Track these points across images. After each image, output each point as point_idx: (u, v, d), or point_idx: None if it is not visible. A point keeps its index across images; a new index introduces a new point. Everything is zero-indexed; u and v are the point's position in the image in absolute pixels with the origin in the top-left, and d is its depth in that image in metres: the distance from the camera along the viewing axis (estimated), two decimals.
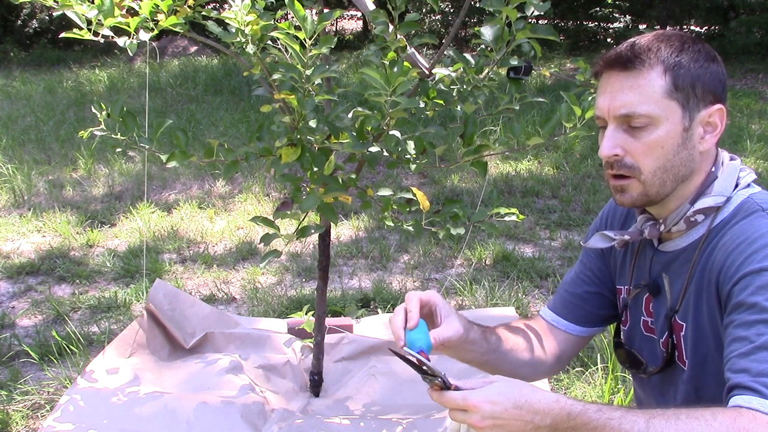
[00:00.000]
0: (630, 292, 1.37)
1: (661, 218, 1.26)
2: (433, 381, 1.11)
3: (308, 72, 1.84)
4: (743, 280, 1.08)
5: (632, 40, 1.20)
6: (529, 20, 1.77)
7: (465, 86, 1.97)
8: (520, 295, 3.31)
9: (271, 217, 2.03)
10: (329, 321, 2.72)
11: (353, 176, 2.03)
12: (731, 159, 1.26)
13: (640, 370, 1.37)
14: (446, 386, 1.10)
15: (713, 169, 1.22)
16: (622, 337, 1.44)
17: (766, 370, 1.00)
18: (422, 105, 1.91)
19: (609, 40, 13.85)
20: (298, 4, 1.76)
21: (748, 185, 1.23)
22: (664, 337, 1.28)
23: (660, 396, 1.35)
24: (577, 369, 2.62)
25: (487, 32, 1.83)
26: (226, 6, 1.90)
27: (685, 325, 1.23)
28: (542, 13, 1.74)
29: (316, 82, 1.88)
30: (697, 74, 1.16)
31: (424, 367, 1.11)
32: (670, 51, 1.16)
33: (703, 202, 1.20)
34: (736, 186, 1.22)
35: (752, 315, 1.04)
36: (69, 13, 1.83)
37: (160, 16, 1.86)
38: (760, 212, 1.15)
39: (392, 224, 2.09)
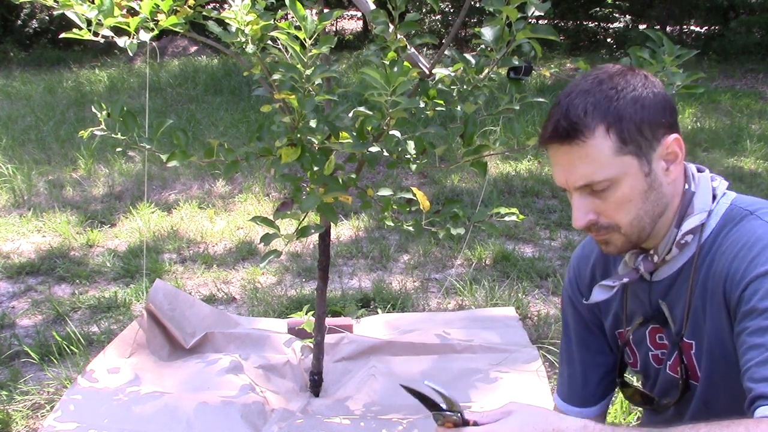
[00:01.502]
0: (628, 332, 1.34)
1: (651, 249, 1.24)
2: (445, 418, 1.04)
3: (308, 72, 1.84)
4: (752, 285, 1.06)
5: (565, 102, 1.15)
6: (530, 20, 1.77)
7: (465, 86, 1.97)
8: (520, 295, 3.31)
9: (271, 217, 2.03)
10: (329, 321, 2.72)
11: (353, 176, 2.03)
12: (699, 170, 1.24)
13: (654, 405, 1.34)
14: (463, 422, 1.03)
15: (687, 187, 1.20)
16: (628, 374, 1.41)
17: None
18: (422, 105, 1.91)
19: (609, 40, 13.85)
20: (298, 4, 1.76)
21: (724, 194, 1.21)
22: (672, 360, 1.26)
23: (676, 414, 1.32)
24: None
25: (487, 32, 1.83)
26: (226, 6, 1.90)
27: (694, 343, 1.22)
28: (542, 13, 1.74)
29: (316, 82, 1.88)
30: (640, 117, 1.12)
31: (443, 403, 1.04)
32: (606, 104, 1.12)
33: (690, 223, 1.18)
34: (714, 197, 1.20)
35: (766, 320, 1.02)
36: (69, 13, 1.83)
37: (160, 16, 1.86)
38: (749, 216, 1.14)
39: (392, 224, 2.09)
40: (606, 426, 1.01)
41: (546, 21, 12.15)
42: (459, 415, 1.04)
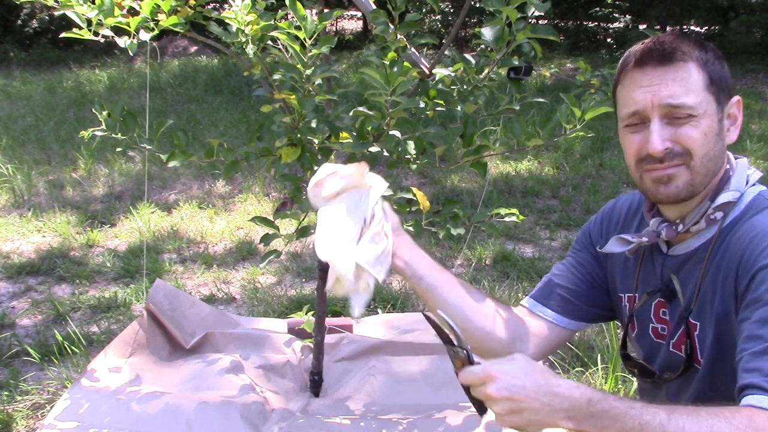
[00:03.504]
0: (637, 300, 1.36)
1: (679, 219, 1.26)
2: (456, 354, 1.09)
3: (308, 72, 1.84)
4: (761, 273, 1.08)
5: (654, 38, 1.22)
6: (530, 20, 1.77)
7: (465, 86, 1.97)
8: (520, 295, 3.31)
9: (271, 217, 2.03)
10: (329, 321, 2.72)
11: None
12: (736, 158, 1.28)
13: (654, 379, 1.36)
14: (469, 361, 1.08)
15: (728, 167, 1.25)
16: (630, 346, 1.43)
17: None
18: (422, 105, 1.91)
19: (609, 40, 13.84)
20: (298, 5, 1.76)
21: (755, 184, 1.25)
22: (675, 338, 1.28)
23: (674, 395, 1.34)
24: (577, 369, 2.62)
25: (487, 33, 1.83)
26: (226, 6, 1.90)
27: (699, 324, 1.23)
28: (542, 13, 1.74)
29: (316, 82, 1.88)
30: (721, 71, 1.21)
31: (453, 337, 1.09)
32: (698, 49, 1.19)
33: (723, 197, 1.21)
34: (747, 183, 1.24)
35: None
36: (69, 13, 1.83)
37: (161, 16, 1.86)
38: None
39: None
40: (598, 390, 1.03)
41: (546, 21, 12.13)
42: (465, 351, 1.08)
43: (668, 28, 13.07)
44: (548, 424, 1.03)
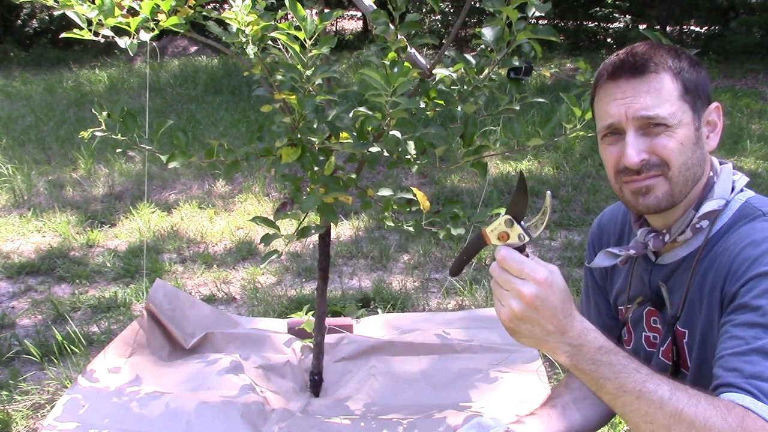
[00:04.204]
0: (628, 309, 1.37)
1: (664, 228, 1.26)
2: (511, 230, 1.07)
3: (309, 72, 1.84)
4: (750, 283, 1.08)
5: (628, 49, 1.21)
6: (530, 20, 1.77)
7: (465, 87, 1.97)
8: None
9: (271, 218, 2.03)
10: (329, 321, 2.72)
11: (353, 176, 2.03)
12: (721, 163, 1.28)
13: None
14: (519, 247, 1.07)
15: (711, 174, 1.24)
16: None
17: (758, 373, 0.99)
18: (422, 105, 1.91)
19: (609, 40, 13.86)
20: (298, 5, 1.76)
21: (742, 190, 1.24)
22: (665, 345, 1.28)
23: None
24: None
25: (487, 33, 1.83)
26: (226, 6, 1.90)
27: (687, 332, 1.23)
28: (542, 14, 1.74)
29: (316, 83, 1.88)
30: (696, 78, 1.20)
31: (538, 218, 1.09)
32: (672, 58, 1.18)
33: (708, 206, 1.21)
34: (732, 189, 1.23)
35: (754, 317, 1.04)
36: (69, 13, 1.83)
37: (161, 16, 1.86)
38: (762, 217, 1.17)
39: (392, 224, 2.09)
40: (610, 341, 1.02)
41: (546, 21, 12.15)
42: (526, 238, 1.08)
43: (668, 29, 13.09)
44: (547, 349, 1.03)
